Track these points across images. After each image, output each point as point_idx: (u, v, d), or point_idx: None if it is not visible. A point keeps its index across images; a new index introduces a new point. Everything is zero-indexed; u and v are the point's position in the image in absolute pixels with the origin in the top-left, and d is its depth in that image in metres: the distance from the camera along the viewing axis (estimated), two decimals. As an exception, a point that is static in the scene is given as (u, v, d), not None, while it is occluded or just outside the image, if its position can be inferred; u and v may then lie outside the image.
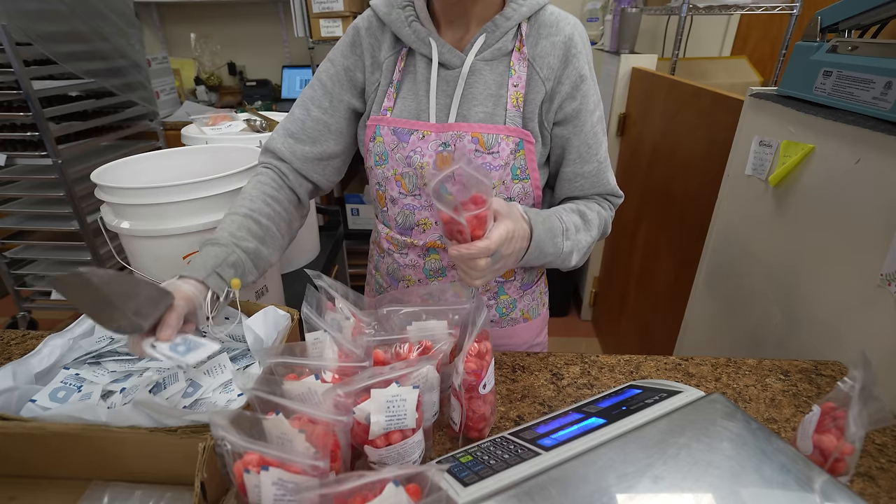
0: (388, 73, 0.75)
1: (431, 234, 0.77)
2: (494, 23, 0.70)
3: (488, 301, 0.84)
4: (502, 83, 0.71)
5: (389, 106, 0.74)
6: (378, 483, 0.37)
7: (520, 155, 0.72)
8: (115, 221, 0.84)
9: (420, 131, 0.72)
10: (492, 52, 0.71)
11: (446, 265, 0.80)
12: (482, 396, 0.56)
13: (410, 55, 0.74)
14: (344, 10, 2.09)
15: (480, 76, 0.71)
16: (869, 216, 0.75)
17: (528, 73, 0.71)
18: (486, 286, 0.83)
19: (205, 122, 1.33)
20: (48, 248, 1.87)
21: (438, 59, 0.71)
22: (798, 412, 0.66)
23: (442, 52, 0.71)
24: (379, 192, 0.79)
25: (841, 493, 0.40)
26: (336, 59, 0.77)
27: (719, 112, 1.27)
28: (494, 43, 0.70)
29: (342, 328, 0.59)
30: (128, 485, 0.53)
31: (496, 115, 0.71)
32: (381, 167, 0.75)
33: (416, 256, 0.80)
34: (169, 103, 2.41)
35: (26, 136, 1.64)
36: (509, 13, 0.70)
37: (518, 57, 0.71)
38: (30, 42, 1.55)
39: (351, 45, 0.76)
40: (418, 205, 0.75)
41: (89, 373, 0.61)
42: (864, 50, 0.79)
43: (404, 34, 0.72)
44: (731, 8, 1.79)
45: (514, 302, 0.86)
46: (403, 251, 0.81)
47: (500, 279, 0.82)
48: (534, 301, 0.89)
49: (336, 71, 0.76)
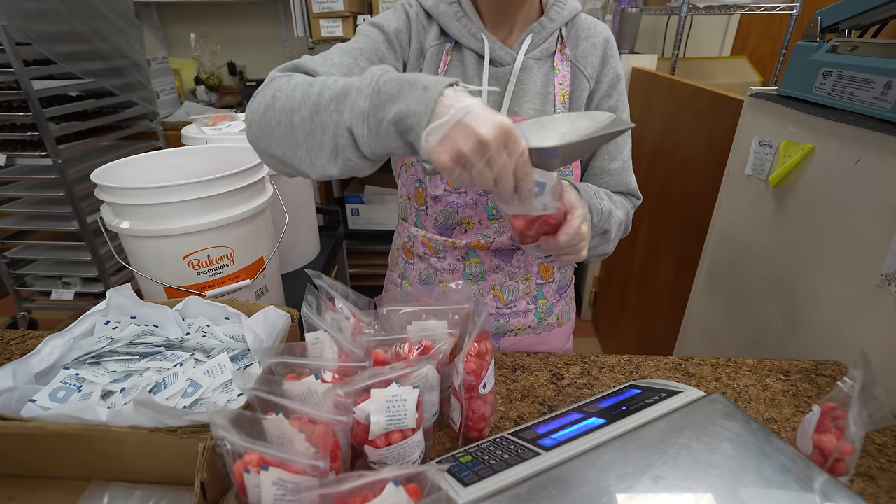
0: (431, 65, 0.74)
1: (474, 233, 0.77)
2: (541, 24, 0.72)
3: (527, 306, 0.84)
4: (548, 81, 0.74)
5: None
6: (378, 483, 0.37)
7: None
8: (115, 221, 0.84)
9: None
10: (540, 51, 0.73)
11: (487, 269, 0.80)
12: (482, 396, 0.56)
13: (457, 50, 0.74)
14: (344, 10, 2.09)
15: (530, 74, 0.73)
16: (869, 216, 0.75)
17: (573, 73, 0.75)
18: (527, 290, 0.83)
19: (205, 122, 1.33)
20: (48, 248, 1.87)
21: (490, 54, 0.72)
22: (798, 412, 0.66)
23: (494, 49, 0.71)
24: (418, 189, 0.78)
25: (841, 493, 0.40)
26: (387, 25, 0.71)
27: (719, 112, 1.27)
28: (541, 43, 0.73)
29: (342, 328, 0.59)
30: (128, 485, 0.53)
31: (545, 111, 0.74)
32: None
33: (454, 260, 0.79)
34: (169, 103, 2.41)
35: (26, 136, 1.64)
36: (553, 15, 0.73)
37: (560, 58, 0.74)
38: (29, 42, 1.55)
39: (406, 20, 0.73)
40: (463, 203, 0.75)
41: (89, 373, 0.61)
42: (864, 50, 0.79)
43: (454, 28, 0.72)
44: (731, 8, 1.79)
45: (551, 307, 0.86)
46: (441, 255, 0.80)
47: (540, 280, 0.83)
48: (566, 306, 0.90)
49: (387, 37, 0.71)
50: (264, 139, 0.56)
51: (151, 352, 0.66)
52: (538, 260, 0.82)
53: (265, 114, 0.55)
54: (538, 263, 0.83)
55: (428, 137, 0.46)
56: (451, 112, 0.45)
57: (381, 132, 0.48)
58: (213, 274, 0.89)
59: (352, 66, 0.65)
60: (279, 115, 0.53)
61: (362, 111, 0.48)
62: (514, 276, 0.81)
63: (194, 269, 0.86)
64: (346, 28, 2.16)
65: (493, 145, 0.44)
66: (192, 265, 0.86)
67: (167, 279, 0.86)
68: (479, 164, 0.45)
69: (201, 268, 0.87)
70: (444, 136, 0.45)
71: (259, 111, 0.56)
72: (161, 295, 0.88)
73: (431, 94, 0.46)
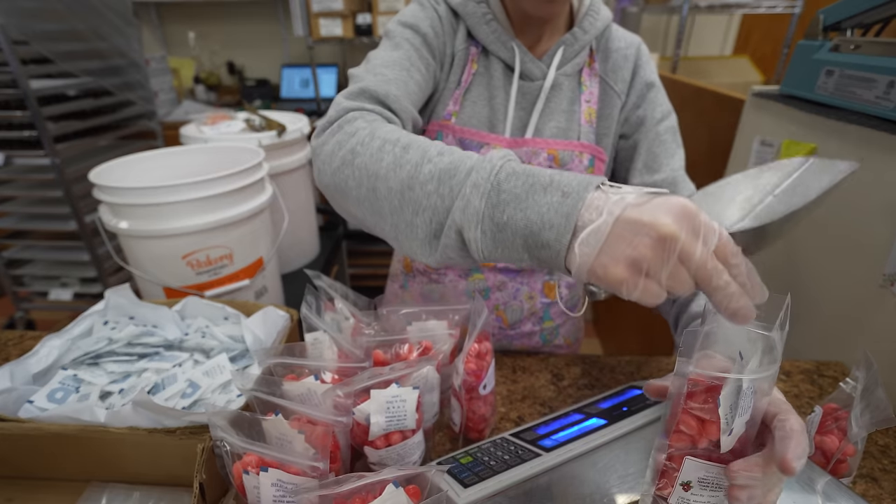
0: (456, 72, 0.67)
1: None
2: (573, 35, 0.66)
3: (532, 327, 0.79)
4: (574, 98, 0.69)
5: (455, 110, 0.68)
6: (378, 484, 0.37)
7: (590, 172, 0.69)
8: (114, 221, 0.83)
9: (491, 145, 0.67)
10: (571, 66, 0.68)
11: (491, 286, 0.75)
12: (482, 397, 0.56)
13: (484, 57, 0.68)
14: (344, 10, 2.09)
15: (559, 91, 0.68)
16: (871, 216, 0.75)
17: (601, 89, 0.70)
18: (532, 309, 0.76)
19: (204, 122, 1.32)
20: (46, 248, 1.87)
21: (520, 66, 0.66)
22: (800, 413, 0.66)
23: (524, 61, 0.66)
24: None
25: (843, 494, 0.40)
26: (422, 26, 0.64)
27: (721, 111, 1.27)
28: (573, 57, 0.68)
29: (341, 328, 0.59)
30: (126, 486, 0.53)
31: (570, 130, 0.69)
32: None
33: (456, 276, 0.76)
34: (168, 103, 2.40)
35: (24, 135, 1.63)
36: (587, 26, 0.67)
37: (588, 73, 0.69)
38: (27, 41, 1.54)
39: (437, 20, 0.66)
40: None
41: (87, 373, 0.61)
42: (866, 49, 0.78)
43: (482, 32, 0.66)
44: (732, 7, 1.79)
45: (556, 328, 0.82)
46: (442, 271, 0.76)
47: (545, 300, 0.77)
48: (574, 325, 0.85)
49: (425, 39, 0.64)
50: (339, 195, 0.48)
51: (150, 352, 0.65)
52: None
53: (341, 169, 0.46)
54: (543, 281, 0.76)
55: (581, 249, 0.34)
56: (603, 211, 0.34)
57: (500, 240, 0.38)
58: (212, 274, 0.88)
59: (407, 80, 0.59)
60: (360, 175, 0.44)
61: (477, 212, 0.37)
62: (518, 293, 0.76)
63: (193, 269, 0.86)
64: (345, 27, 2.15)
65: (679, 232, 0.31)
66: (191, 265, 0.85)
67: (166, 279, 0.86)
68: (669, 262, 0.32)
69: (200, 268, 0.87)
70: (606, 242, 0.33)
71: (334, 163, 0.47)
72: (160, 295, 0.87)
73: (573, 203, 0.35)
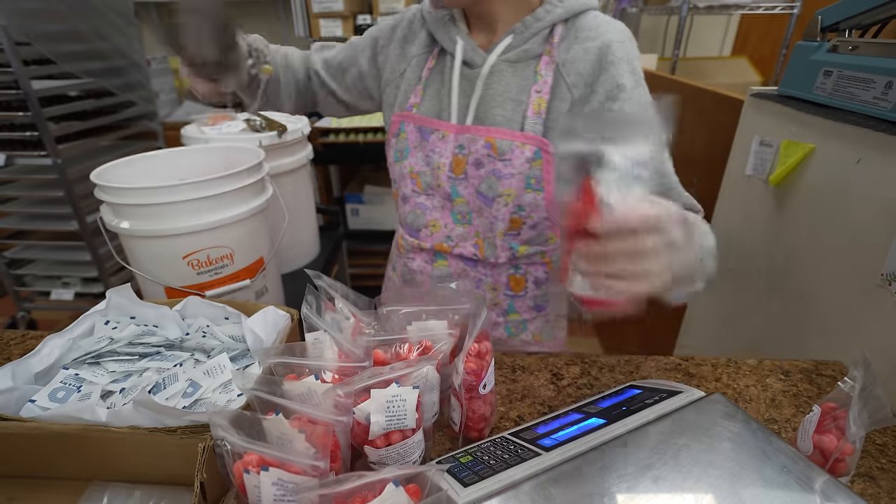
0: (416, 69, 0.75)
1: (439, 236, 0.75)
2: (524, 23, 0.67)
3: (496, 318, 0.80)
4: (524, 88, 0.68)
5: (416, 102, 0.75)
6: (378, 483, 0.37)
7: (536, 164, 0.68)
8: (115, 221, 0.83)
9: (440, 131, 0.72)
10: (517, 53, 0.68)
11: (454, 273, 0.77)
12: (482, 396, 0.56)
13: (442, 55, 0.74)
14: (344, 10, 2.09)
15: (501, 77, 0.69)
16: (869, 216, 0.75)
17: (555, 79, 0.67)
18: (495, 300, 0.78)
19: (205, 122, 1.33)
20: (47, 248, 1.87)
21: (462, 56, 0.70)
22: (798, 412, 0.66)
23: (466, 51, 0.70)
24: (394, 189, 0.79)
25: (841, 493, 0.40)
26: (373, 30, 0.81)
27: (719, 112, 1.27)
28: (522, 44, 0.68)
29: (342, 328, 0.59)
30: (127, 485, 0.53)
31: (514, 120, 0.68)
32: (399, 163, 0.75)
33: (423, 262, 0.78)
34: (169, 103, 2.41)
35: (26, 135, 1.64)
36: (541, 14, 0.67)
37: (546, 61, 0.68)
38: (29, 41, 1.55)
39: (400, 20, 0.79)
40: (430, 205, 0.74)
41: (89, 373, 0.61)
42: (864, 49, 0.79)
43: (437, 32, 0.73)
44: (731, 8, 1.79)
45: (524, 322, 0.81)
46: (411, 255, 0.79)
47: (510, 293, 0.78)
48: (548, 324, 0.83)
49: (367, 39, 0.81)
50: None
51: (151, 352, 0.66)
52: (560, 305, 0.78)
53: None
54: (508, 274, 0.77)
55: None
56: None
57: None
58: (212, 274, 0.89)
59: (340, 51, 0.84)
60: None
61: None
62: (481, 283, 0.78)
63: (194, 269, 0.86)
64: (346, 28, 2.16)
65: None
66: (191, 265, 0.86)
67: (167, 279, 0.86)
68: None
69: (201, 268, 0.87)
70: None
71: None
72: (161, 295, 0.87)
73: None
